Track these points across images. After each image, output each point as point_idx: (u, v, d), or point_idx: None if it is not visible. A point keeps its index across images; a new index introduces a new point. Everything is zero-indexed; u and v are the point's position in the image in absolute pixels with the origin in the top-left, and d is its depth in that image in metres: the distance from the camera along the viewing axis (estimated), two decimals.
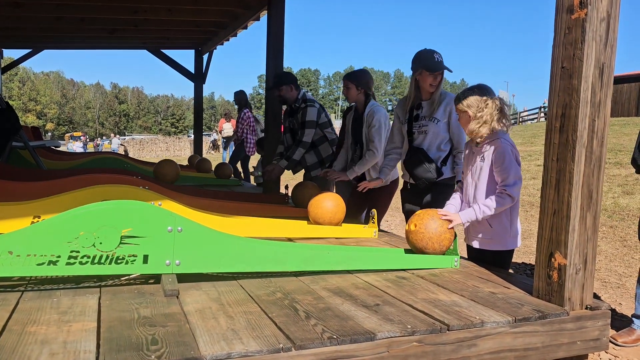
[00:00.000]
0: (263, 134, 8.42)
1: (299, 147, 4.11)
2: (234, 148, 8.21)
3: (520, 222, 2.44)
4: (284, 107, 4.69)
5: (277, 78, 4.41)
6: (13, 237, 1.70)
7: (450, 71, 2.96)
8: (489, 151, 2.37)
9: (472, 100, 2.36)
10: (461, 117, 2.42)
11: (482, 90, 2.38)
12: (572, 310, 1.79)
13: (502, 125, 2.35)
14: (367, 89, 3.63)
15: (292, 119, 4.38)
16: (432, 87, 2.99)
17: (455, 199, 2.57)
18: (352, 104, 3.82)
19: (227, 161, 8.58)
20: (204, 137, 11.69)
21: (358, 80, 3.61)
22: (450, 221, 2.30)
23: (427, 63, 2.91)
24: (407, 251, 2.35)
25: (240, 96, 8.10)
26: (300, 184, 3.77)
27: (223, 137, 11.68)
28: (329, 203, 2.89)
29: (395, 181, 3.76)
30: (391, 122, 3.44)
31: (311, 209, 2.93)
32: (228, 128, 11.23)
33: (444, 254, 2.30)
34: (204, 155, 10.53)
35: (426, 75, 2.93)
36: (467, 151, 2.55)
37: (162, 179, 4.34)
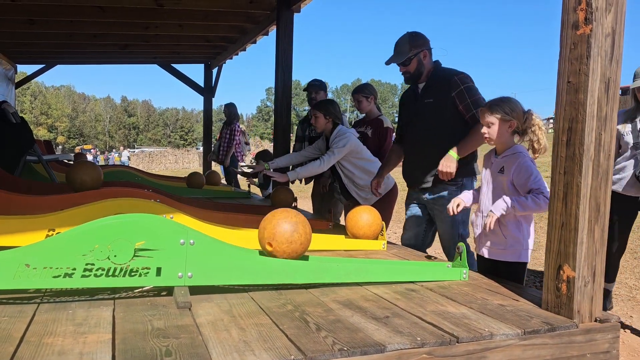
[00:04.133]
0: (247, 145, 8.39)
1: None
2: (226, 164, 7.85)
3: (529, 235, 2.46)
4: (298, 116, 4.83)
5: (322, 83, 4.70)
6: (30, 250, 1.73)
7: None
8: (508, 164, 2.41)
9: None
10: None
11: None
12: (582, 323, 1.79)
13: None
14: (334, 119, 3.83)
15: (311, 127, 4.49)
16: None
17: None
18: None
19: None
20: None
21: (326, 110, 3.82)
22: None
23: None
24: (415, 263, 2.36)
25: (231, 109, 7.85)
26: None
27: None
28: (365, 216, 2.91)
29: (394, 190, 3.78)
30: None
31: (349, 222, 2.95)
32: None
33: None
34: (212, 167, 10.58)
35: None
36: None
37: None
